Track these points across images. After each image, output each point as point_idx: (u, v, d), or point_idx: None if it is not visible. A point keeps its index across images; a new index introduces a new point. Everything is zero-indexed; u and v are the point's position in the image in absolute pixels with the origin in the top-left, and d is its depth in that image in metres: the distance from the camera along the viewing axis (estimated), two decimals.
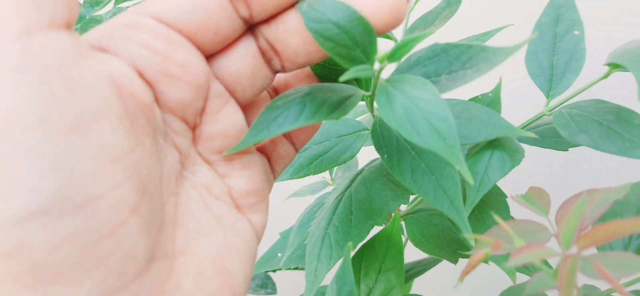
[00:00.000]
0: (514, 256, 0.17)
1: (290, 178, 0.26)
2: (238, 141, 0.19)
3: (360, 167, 0.34)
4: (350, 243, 0.24)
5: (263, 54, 0.19)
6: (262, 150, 0.21)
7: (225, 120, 0.18)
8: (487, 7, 0.55)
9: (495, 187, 0.28)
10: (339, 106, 0.18)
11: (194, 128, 0.18)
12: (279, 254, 0.38)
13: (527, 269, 0.31)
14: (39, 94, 0.13)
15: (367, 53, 0.17)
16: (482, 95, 0.37)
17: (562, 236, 0.18)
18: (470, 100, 0.36)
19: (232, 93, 0.19)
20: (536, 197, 0.22)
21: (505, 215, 0.27)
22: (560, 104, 0.28)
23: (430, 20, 0.39)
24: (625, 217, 0.31)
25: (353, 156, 0.26)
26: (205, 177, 0.19)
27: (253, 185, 0.19)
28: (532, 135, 0.23)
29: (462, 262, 0.38)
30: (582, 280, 0.18)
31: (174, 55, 0.17)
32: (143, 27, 0.17)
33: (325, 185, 0.40)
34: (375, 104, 0.20)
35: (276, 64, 0.19)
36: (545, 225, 0.20)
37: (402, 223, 0.35)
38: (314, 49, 0.18)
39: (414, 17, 0.39)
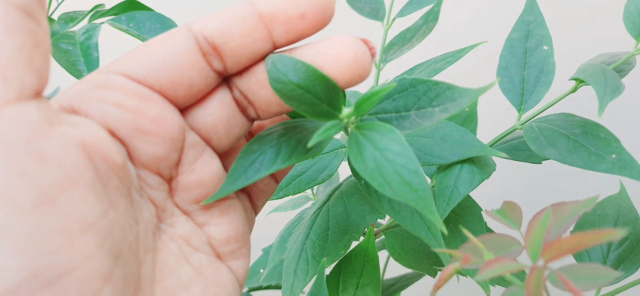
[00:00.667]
0: (483, 270, 0.17)
1: (270, 199, 0.26)
2: (215, 189, 0.19)
3: (341, 180, 0.34)
4: (324, 259, 0.24)
5: (238, 103, 0.19)
6: (242, 189, 0.22)
7: (202, 170, 0.18)
8: (463, 22, 0.56)
9: (470, 200, 0.29)
10: (311, 150, 0.18)
11: (170, 180, 0.18)
12: (262, 270, 0.38)
13: (505, 281, 0.31)
14: (4, 172, 0.13)
15: (333, 105, 0.18)
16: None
17: (529, 249, 0.18)
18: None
19: (208, 142, 0.19)
20: (509, 211, 0.22)
21: (480, 227, 0.27)
22: (532, 117, 0.28)
23: (408, 37, 0.40)
24: (602, 228, 0.31)
25: (331, 175, 0.26)
26: (184, 228, 0.19)
27: (233, 231, 0.19)
28: (503, 155, 0.24)
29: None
30: (557, 293, 0.18)
31: (146, 111, 0.17)
32: (113, 86, 0.17)
33: (307, 199, 0.40)
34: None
35: (251, 112, 0.19)
36: (519, 239, 0.20)
37: (383, 237, 0.35)
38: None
39: (392, 33, 0.40)
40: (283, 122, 0.20)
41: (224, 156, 0.20)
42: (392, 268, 0.42)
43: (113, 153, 0.16)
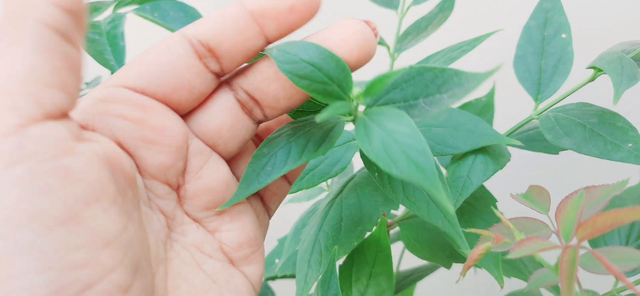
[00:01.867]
0: (516, 249, 0.17)
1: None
2: (224, 194, 0.19)
3: (354, 170, 0.34)
4: (335, 247, 0.24)
5: (243, 105, 0.19)
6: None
7: (209, 176, 0.19)
8: (478, 10, 0.55)
9: (485, 192, 0.28)
10: (324, 140, 0.19)
11: (178, 189, 0.19)
12: (277, 260, 0.39)
13: (521, 273, 0.31)
14: (30, 190, 0.13)
15: (343, 88, 0.18)
16: (476, 99, 0.37)
17: (561, 229, 0.19)
18: (463, 105, 0.36)
19: (214, 148, 0.19)
20: (536, 195, 0.22)
21: (495, 218, 0.27)
22: (549, 107, 0.28)
23: (424, 26, 0.39)
24: None
25: (344, 167, 0.26)
26: (195, 236, 0.19)
27: (245, 236, 0.20)
28: (518, 143, 0.24)
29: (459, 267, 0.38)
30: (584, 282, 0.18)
31: (151, 121, 0.17)
32: (117, 99, 0.17)
33: (321, 191, 0.40)
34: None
35: (257, 113, 0.19)
36: (546, 222, 0.20)
37: (398, 228, 0.35)
38: (295, 92, 0.19)
39: (406, 23, 0.40)
40: (291, 123, 0.20)
41: (234, 161, 0.21)
42: (407, 260, 0.42)
43: (127, 165, 0.17)
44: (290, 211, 0.42)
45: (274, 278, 0.44)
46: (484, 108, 0.36)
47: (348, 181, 0.30)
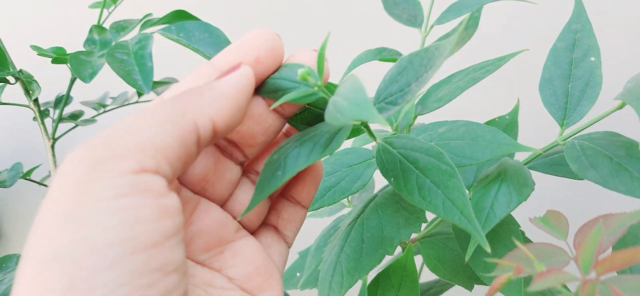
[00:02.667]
0: (537, 281, 0.18)
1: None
2: (217, 235, 0.20)
3: (376, 188, 0.34)
4: (366, 277, 0.25)
5: (222, 151, 0.21)
6: (266, 223, 0.23)
7: (201, 221, 0.20)
8: (503, 29, 0.54)
9: (509, 216, 0.28)
10: (330, 142, 0.19)
11: None
12: (298, 274, 0.39)
13: (541, 293, 0.30)
14: (133, 218, 0.15)
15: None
16: (500, 117, 0.36)
17: (581, 262, 0.18)
18: (487, 122, 0.36)
19: (203, 193, 0.21)
20: (554, 221, 0.22)
21: (515, 236, 0.27)
22: (575, 133, 0.27)
23: None
24: None
25: (364, 185, 0.26)
26: (203, 276, 0.20)
27: (252, 267, 0.21)
28: (540, 151, 0.23)
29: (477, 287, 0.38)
30: None
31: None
32: None
33: (342, 206, 0.40)
34: (372, 127, 0.22)
35: (238, 155, 0.21)
36: (564, 248, 0.20)
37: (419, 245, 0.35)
38: (270, 123, 0.21)
39: (430, 41, 0.39)
40: (299, 133, 0.21)
41: (256, 163, 0.22)
42: (426, 273, 0.42)
43: None
44: (311, 225, 0.42)
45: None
46: (508, 127, 0.35)
47: (370, 201, 0.31)
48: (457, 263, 0.32)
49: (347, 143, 0.33)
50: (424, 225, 0.37)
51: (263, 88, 0.20)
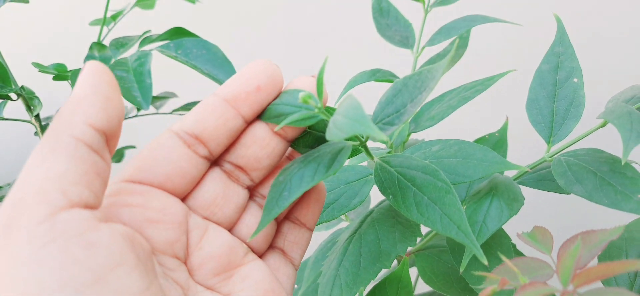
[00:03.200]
0: (519, 293, 0.19)
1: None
2: (226, 259, 0.21)
3: (372, 204, 0.35)
4: (362, 289, 0.25)
5: (229, 175, 0.22)
6: (273, 246, 0.24)
7: (210, 245, 0.21)
8: (492, 51, 0.56)
9: (500, 230, 0.29)
10: (333, 162, 0.20)
11: (185, 262, 0.21)
12: (296, 286, 0.40)
13: None
14: (61, 262, 0.15)
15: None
16: (489, 134, 0.38)
17: (560, 275, 0.20)
18: (477, 140, 0.37)
19: (211, 218, 0.22)
20: (540, 236, 0.23)
21: (509, 256, 0.28)
22: (562, 150, 0.29)
23: (437, 62, 0.40)
24: (629, 252, 0.31)
25: (362, 201, 0.27)
26: None
27: (261, 292, 0.21)
28: (527, 169, 0.24)
29: None
30: None
31: (151, 204, 0.20)
32: (120, 191, 0.20)
33: (339, 220, 0.41)
34: (368, 143, 0.24)
35: (244, 179, 0.22)
36: (549, 263, 0.21)
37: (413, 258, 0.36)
38: (273, 147, 0.22)
39: (421, 61, 0.41)
40: (301, 156, 0.23)
41: (263, 184, 0.23)
42: (420, 285, 0.43)
43: (143, 241, 0.19)
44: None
45: None
46: (498, 144, 0.37)
47: (366, 216, 0.32)
48: (451, 276, 0.33)
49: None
50: (418, 239, 0.39)
51: (266, 114, 0.22)
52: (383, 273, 0.33)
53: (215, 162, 0.22)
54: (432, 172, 0.21)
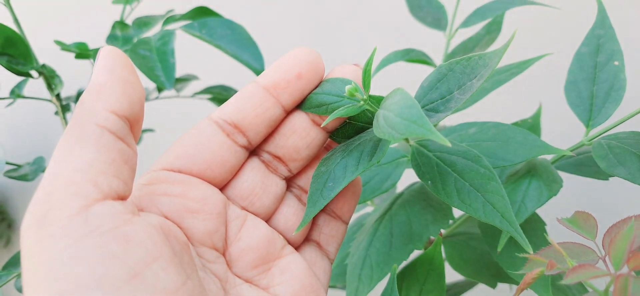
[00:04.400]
0: (569, 275, 0.19)
1: None
2: (267, 250, 0.21)
3: (399, 188, 0.35)
4: (395, 265, 0.26)
5: (267, 166, 0.22)
6: (309, 239, 0.24)
7: (249, 237, 0.21)
8: (527, 33, 0.56)
9: (534, 214, 0.29)
10: (375, 151, 0.21)
11: (224, 253, 0.21)
12: None
13: (563, 293, 0.31)
14: (97, 257, 0.15)
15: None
16: (522, 120, 0.38)
17: (612, 258, 0.20)
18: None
19: (250, 208, 0.22)
20: (582, 221, 0.23)
21: (543, 242, 0.28)
22: (600, 134, 0.29)
23: (471, 46, 0.41)
24: None
25: (394, 184, 0.28)
26: (250, 295, 0.21)
27: (299, 285, 0.21)
28: (570, 153, 0.24)
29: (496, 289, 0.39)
30: None
31: (191, 194, 0.20)
32: (159, 180, 0.20)
33: (364, 205, 0.42)
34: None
35: (282, 170, 0.22)
36: (593, 248, 0.21)
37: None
38: (313, 137, 0.22)
39: (454, 43, 0.41)
40: (341, 145, 0.23)
41: (301, 175, 0.23)
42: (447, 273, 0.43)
43: (179, 233, 0.19)
44: None
45: None
46: (531, 129, 0.37)
47: (396, 198, 0.32)
48: (481, 262, 0.33)
49: None
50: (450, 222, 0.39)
51: (307, 103, 0.22)
52: (414, 255, 0.33)
53: (253, 151, 0.22)
54: (473, 158, 0.22)
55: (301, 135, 0.22)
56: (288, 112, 0.22)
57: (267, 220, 0.23)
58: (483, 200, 0.21)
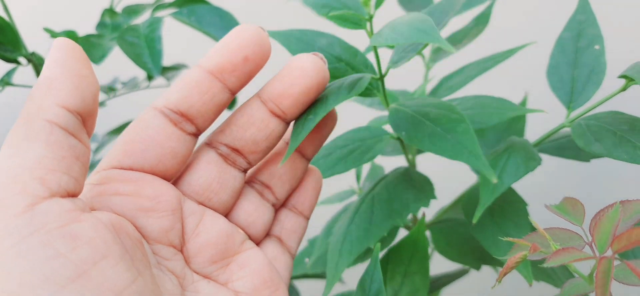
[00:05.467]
0: (552, 258, 0.20)
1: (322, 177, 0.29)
2: (224, 246, 0.22)
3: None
4: (378, 244, 0.27)
5: (225, 158, 0.22)
6: (270, 234, 0.24)
7: (207, 232, 0.21)
8: (513, 22, 0.57)
9: (516, 195, 0.31)
10: (354, 87, 0.22)
11: (181, 250, 0.21)
12: (306, 260, 0.42)
13: (550, 278, 0.33)
14: (42, 256, 0.15)
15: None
16: None
17: (597, 241, 0.20)
18: None
19: (207, 203, 0.22)
20: (570, 207, 0.24)
21: (525, 221, 0.29)
22: (581, 115, 0.30)
23: (459, 38, 0.42)
24: None
25: (375, 156, 0.29)
26: (208, 291, 0.21)
27: (259, 280, 0.22)
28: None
29: (486, 275, 0.40)
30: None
31: (143, 192, 0.20)
32: (110, 179, 0.20)
33: (352, 193, 0.43)
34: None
35: (241, 162, 0.22)
36: (580, 233, 0.22)
37: (428, 233, 0.38)
38: (272, 129, 0.22)
39: (444, 35, 0.43)
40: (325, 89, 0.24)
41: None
42: (434, 266, 0.44)
43: (133, 231, 0.19)
44: (322, 214, 0.44)
45: (302, 276, 0.47)
46: (517, 117, 0.38)
47: (380, 180, 0.33)
48: (466, 246, 0.34)
49: (363, 122, 0.35)
50: (433, 212, 0.40)
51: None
52: (399, 238, 0.34)
53: (209, 144, 0.22)
54: (446, 107, 0.23)
55: (259, 127, 0.22)
56: (234, 93, 0.22)
57: (227, 214, 0.23)
58: (453, 141, 0.23)
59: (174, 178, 0.22)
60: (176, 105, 0.20)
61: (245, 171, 0.23)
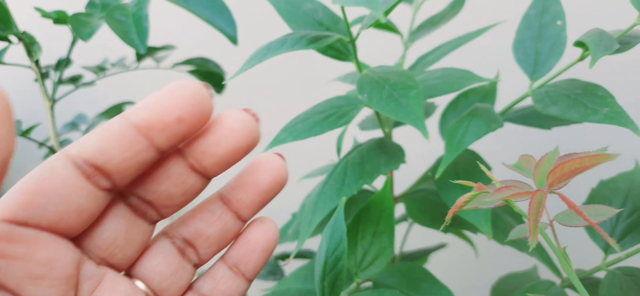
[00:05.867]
0: (494, 194, 0.22)
1: (294, 140, 0.31)
2: None
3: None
4: (343, 198, 0.29)
5: (135, 210, 0.20)
6: (194, 290, 0.22)
7: None
8: (487, 3, 0.60)
9: (480, 158, 0.33)
10: (316, 40, 0.24)
11: None
12: (289, 232, 0.44)
13: (516, 244, 0.35)
14: None
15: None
16: (480, 86, 0.42)
17: (537, 179, 0.22)
18: (469, 90, 0.41)
19: (111, 258, 0.20)
20: (525, 163, 0.26)
21: (488, 183, 0.31)
22: (543, 85, 0.32)
23: (436, 21, 0.44)
24: (613, 201, 0.34)
25: (350, 121, 0.31)
26: None
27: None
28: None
29: (462, 253, 0.42)
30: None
31: (36, 255, 0.17)
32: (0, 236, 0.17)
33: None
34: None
35: (152, 214, 0.20)
36: (529, 183, 0.24)
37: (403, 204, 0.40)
38: (190, 185, 0.19)
39: (420, 17, 0.45)
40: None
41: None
42: (409, 242, 0.46)
43: None
44: (305, 188, 0.46)
45: (285, 257, 0.49)
46: (488, 94, 0.41)
47: (355, 147, 0.35)
48: (436, 212, 0.36)
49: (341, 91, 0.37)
50: (408, 184, 0.42)
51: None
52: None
53: (119, 193, 0.20)
54: (405, 75, 0.25)
55: (176, 182, 0.19)
56: (164, 154, 0.19)
57: (129, 268, 0.21)
58: (404, 104, 0.25)
59: (77, 234, 0.19)
60: (92, 156, 0.17)
61: (155, 223, 0.21)
